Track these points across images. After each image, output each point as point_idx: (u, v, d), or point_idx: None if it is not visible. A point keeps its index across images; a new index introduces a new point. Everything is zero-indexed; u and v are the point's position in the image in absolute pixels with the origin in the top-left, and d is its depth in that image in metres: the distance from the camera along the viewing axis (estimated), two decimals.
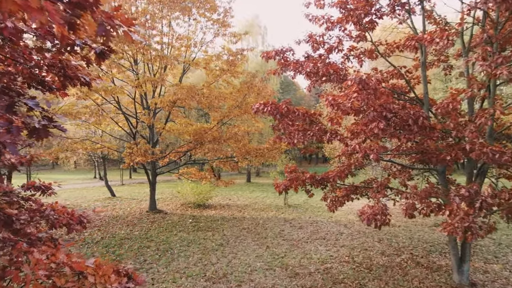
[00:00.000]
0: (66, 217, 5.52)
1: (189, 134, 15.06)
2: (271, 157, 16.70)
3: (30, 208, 5.44)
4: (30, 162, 6.11)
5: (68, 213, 5.72)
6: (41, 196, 6.02)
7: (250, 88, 16.02)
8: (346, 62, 9.69)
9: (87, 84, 4.55)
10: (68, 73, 3.99)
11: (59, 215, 5.49)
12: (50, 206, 5.54)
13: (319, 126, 8.13)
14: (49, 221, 5.42)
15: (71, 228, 5.55)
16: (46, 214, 5.36)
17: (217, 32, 17.25)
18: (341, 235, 13.36)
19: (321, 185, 9.31)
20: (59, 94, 5.04)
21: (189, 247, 11.80)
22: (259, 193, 25.01)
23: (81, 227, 5.72)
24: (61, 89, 4.70)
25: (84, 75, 4.32)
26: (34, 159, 6.25)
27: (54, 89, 4.69)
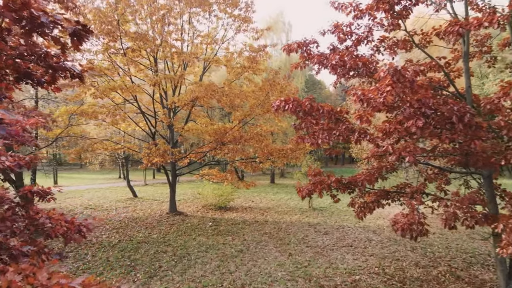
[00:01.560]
0: (63, 225, 5.00)
1: (209, 134, 14.50)
2: (295, 158, 15.89)
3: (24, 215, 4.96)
4: (29, 164, 5.66)
5: (67, 221, 5.21)
6: (40, 201, 5.53)
7: (272, 86, 15.28)
8: (376, 55, 8.81)
9: (78, 76, 3.99)
10: (50, 62, 3.43)
11: (55, 224, 4.98)
12: (46, 213, 5.04)
13: (346, 125, 7.33)
14: (44, 230, 4.92)
15: (69, 238, 5.02)
16: (40, 223, 4.85)
17: (239, 28, 16.64)
18: (370, 243, 12.41)
19: (348, 190, 8.51)
20: (52, 89, 4.53)
21: (207, 253, 11.22)
22: (283, 195, 24.22)
23: (80, 237, 5.19)
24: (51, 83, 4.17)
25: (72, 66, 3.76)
26: (35, 161, 5.79)
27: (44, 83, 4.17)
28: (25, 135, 6.87)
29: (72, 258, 10.65)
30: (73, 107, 13.68)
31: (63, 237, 5.01)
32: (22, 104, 10.18)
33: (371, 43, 8.51)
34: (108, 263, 10.21)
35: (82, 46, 3.29)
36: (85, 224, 5.28)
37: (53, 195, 5.62)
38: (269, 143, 16.29)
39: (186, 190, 26.13)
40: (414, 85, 5.43)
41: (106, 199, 21.68)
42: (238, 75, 16.17)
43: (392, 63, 5.40)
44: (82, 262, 10.36)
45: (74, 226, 5.16)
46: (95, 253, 11.14)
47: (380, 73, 5.45)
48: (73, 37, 2.82)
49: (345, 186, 8.45)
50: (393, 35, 8.42)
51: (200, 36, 16.27)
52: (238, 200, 21.36)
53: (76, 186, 29.58)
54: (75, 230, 5.11)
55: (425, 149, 7.44)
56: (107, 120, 14.45)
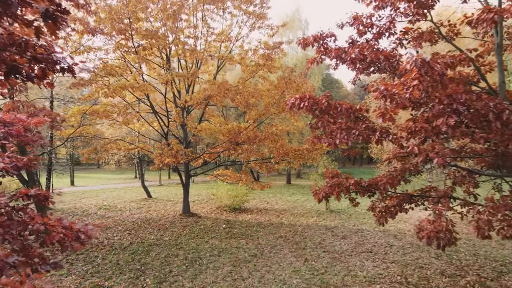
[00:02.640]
0: (59, 232, 4.65)
1: (223, 133, 14.11)
2: (311, 158, 15.34)
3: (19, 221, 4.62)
4: (29, 166, 5.36)
5: (65, 226, 4.86)
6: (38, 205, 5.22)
7: (288, 84, 14.78)
8: (398, 49, 8.23)
9: (69, 70, 3.62)
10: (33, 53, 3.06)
11: (50, 230, 4.63)
12: (41, 219, 4.70)
13: (366, 124, 6.78)
14: (38, 237, 4.58)
15: (65, 246, 4.67)
16: (34, 229, 4.51)
17: (253, 25, 16.19)
18: (391, 248, 11.76)
19: (368, 193, 7.95)
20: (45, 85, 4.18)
21: (219, 257, 10.81)
22: (299, 196, 23.65)
23: (78, 245, 4.83)
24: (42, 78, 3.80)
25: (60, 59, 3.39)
26: (34, 162, 5.48)
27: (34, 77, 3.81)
28: (28, 135, 6.61)
29: (81, 261, 10.41)
30: (85, 107, 13.53)
31: (59, 244, 4.66)
32: (32, 104, 10.02)
33: (393, 36, 7.94)
34: (118, 267, 9.92)
35: (60, 32, 2.92)
36: (84, 230, 4.92)
37: (52, 199, 5.29)
38: (285, 143, 15.80)
39: (201, 191, 25.87)
40: (444, 78, 4.86)
41: (120, 200, 21.60)
42: (252, 73, 15.73)
43: (420, 54, 4.84)
44: (91, 265, 10.10)
45: (72, 233, 4.80)
46: (106, 256, 10.89)
47: (406, 65, 4.90)
48: (46, 19, 2.44)
49: (365, 189, 7.89)
50: (417, 27, 7.80)
51: (214, 34, 15.90)
52: (253, 202, 20.92)
53: (92, 186, 29.75)
54: (73, 237, 4.75)
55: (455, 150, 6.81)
56: (118, 120, 14.23)
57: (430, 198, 7.89)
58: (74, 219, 15.96)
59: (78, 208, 18.70)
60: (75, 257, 10.77)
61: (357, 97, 50.07)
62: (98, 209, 18.40)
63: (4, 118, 6.04)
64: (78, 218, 16.16)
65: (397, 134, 6.65)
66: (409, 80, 4.96)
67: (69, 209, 18.27)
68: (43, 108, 10.24)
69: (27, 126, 6.31)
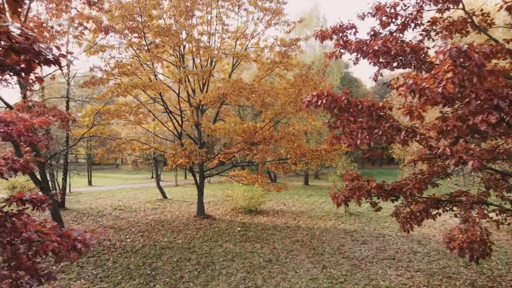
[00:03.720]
0: (54, 240, 4.28)
1: (238, 133, 13.67)
2: (330, 159, 14.73)
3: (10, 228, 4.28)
4: (24, 168, 5.04)
5: (61, 234, 4.49)
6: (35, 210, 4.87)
7: (305, 82, 14.24)
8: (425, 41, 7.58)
9: (55, 62, 3.22)
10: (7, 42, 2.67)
11: (44, 239, 4.27)
12: (34, 226, 4.34)
13: (390, 123, 6.20)
14: (31, 246, 4.23)
15: (60, 256, 4.29)
16: (26, 237, 4.15)
17: (269, 22, 15.68)
18: (415, 255, 11.06)
19: (391, 197, 7.36)
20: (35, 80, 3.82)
21: (233, 262, 10.37)
22: (317, 198, 22.99)
23: (75, 254, 4.45)
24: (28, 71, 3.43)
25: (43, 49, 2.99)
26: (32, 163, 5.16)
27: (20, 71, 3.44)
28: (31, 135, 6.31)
29: (92, 264, 10.15)
30: (98, 106, 13.35)
31: (53, 254, 4.30)
32: (42, 103, 9.84)
33: (420, 27, 7.30)
34: (128, 271, 9.61)
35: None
36: (81, 239, 4.54)
37: (49, 203, 4.94)
38: (302, 143, 15.24)
39: (217, 192, 25.53)
40: (483, 70, 4.25)
41: (136, 200, 21.48)
42: (268, 71, 15.24)
43: (455, 43, 4.25)
44: (102, 269, 9.83)
45: (68, 242, 4.43)
46: (117, 259, 10.61)
47: (439, 55, 4.31)
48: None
49: (388, 193, 7.30)
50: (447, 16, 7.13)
51: (228, 31, 15.48)
52: (270, 203, 20.41)
53: (109, 186, 29.88)
54: (68, 246, 4.38)
55: (493, 152, 6.14)
56: (130, 119, 13.99)
57: (460, 204, 7.22)
58: (88, 220, 15.86)
59: (93, 208, 18.63)
60: (86, 260, 10.53)
61: (377, 96, 48.88)
62: (113, 209, 18.28)
63: (4, 118, 5.75)
64: (93, 219, 16.04)
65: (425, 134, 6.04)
66: (442, 73, 4.38)
67: (84, 210, 18.22)
68: (53, 107, 10.04)
69: (28, 126, 6.03)
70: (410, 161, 9.07)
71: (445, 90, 4.25)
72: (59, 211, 13.01)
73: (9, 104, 11.17)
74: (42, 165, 12.47)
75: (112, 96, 13.01)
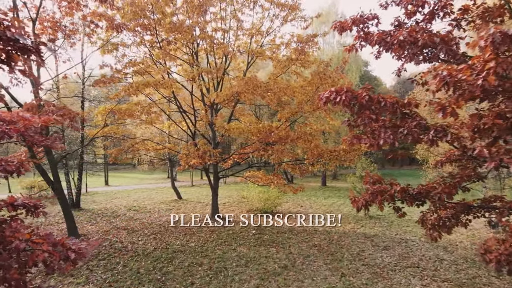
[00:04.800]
0: (45, 250, 3.91)
1: (253, 133, 13.19)
2: (349, 160, 14.07)
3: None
4: (19, 170, 4.71)
5: (55, 243, 4.11)
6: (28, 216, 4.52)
7: (323, 79, 13.64)
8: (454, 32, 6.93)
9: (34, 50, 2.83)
10: None
11: (34, 248, 3.90)
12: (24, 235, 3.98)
13: (417, 121, 5.63)
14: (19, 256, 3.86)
15: (51, 267, 3.91)
16: (14, 247, 3.78)
17: (286, 18, 15.14)
18: (441, 263, 10.34)
19: (417, 201, 6.76)
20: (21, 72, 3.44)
21: (247, 268, 9.91)
22: (335, 199, 22.26)
23: (68, 265, 4.06)
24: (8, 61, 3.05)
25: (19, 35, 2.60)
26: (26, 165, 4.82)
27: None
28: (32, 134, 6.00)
29: (102, 268, 9.88)
30: (110, 106, 13.13)
31: (44, 265, 3.92)
32: (51, 103, 9.63)
33: (449, 16, 6.66)
34: (138, 276, 9.28)
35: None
36: (75, 249, 4.15)
37: (43, 208, 4.59)
38: (320, 143, 14.64)
39: (232, 192, 25.13)
40: None
41: (151, 200, 21.30)
42: (284, 69, 14.70)
43: (498, 26, 3.66)
44: (111, 273, 9.53)
45: (62, 252, 4.05)
46: (127, 263, 10.30)
47: (479, 41, 3.72)
48: None
49: (413, 197, 6.71)
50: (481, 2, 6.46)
51: (243, 28, 15.01)
52: (286, 205, 19.85)
53: (126, 186, 29.92)
54: (61, 256, 4.00)
55: None
56: (142, 118, 13.70)
57: (494, 210, 6.55)
58: (102, 221, 15.70)
59: (108, 209, 18.53)
60: (96, 263, 10.28)
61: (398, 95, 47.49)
62: (127, 210, 18.12)
63: (3, 117, 5.47)
64: (107, 220, 15.88)
65: (458, 133, 5.43)
66: (481, 62, 3.78)
67: (99, 210, 18.13)
68: (63, 107, 9.82)
69: (28, 125, 5.73)
70: (436, 163, 8.39)
71: (486, 82, 3.67)
72: (71, 212, 12.83)
73: (21, 104, 11.05)
74: (54, 165, 12.34)
75: (124, 95, 12.77)
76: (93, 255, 10.92)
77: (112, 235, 13.27)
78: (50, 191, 15.97)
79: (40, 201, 4.54)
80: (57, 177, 12.31)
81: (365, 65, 41.90)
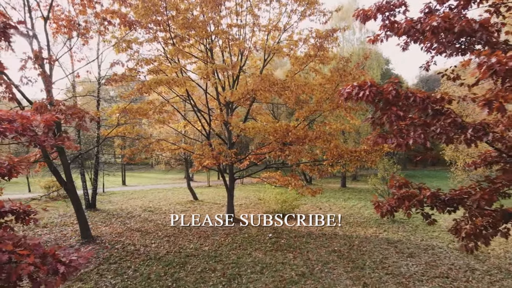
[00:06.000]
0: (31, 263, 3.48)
1: (269, 133, 12.65)
2: (370, 161, 13.34)
3: None
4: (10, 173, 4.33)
5: (43, 254, 3.69)
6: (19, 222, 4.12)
7: (343, 76, 13.01)
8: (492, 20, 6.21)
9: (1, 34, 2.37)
10: None
11: (18, 261, 3.48)
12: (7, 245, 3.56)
13: (452, 118, 5.01)
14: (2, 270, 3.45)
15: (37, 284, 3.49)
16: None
17: (304, 13, 14.53)
18: (473, 273, 9.53)
19: (449, 208, 6.12)
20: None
21: (262, 275, 9.37)
22: (356, 202, 21.46)
23: (57, 280, 3.63)
24: None
25: None
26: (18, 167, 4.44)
27: None
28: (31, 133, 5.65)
29: (112, 272, 9.54)
30: (123, 105, 12.85)
31: (29, 280, 3.50)
32: (61, 101, 9.37)
33: (487, 2, 5.96)
34: (148, 282, 8.88)
35: None
36: (66, 261, 3.71)
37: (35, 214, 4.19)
38: (339, 143, 13.95)
39: (249, 193, 24.64)
40: None
41: (166, 201, 21.05)
42: (302, 65, 14.10)
43: None
44: (121, 278, 9.18)
45: (51, 264, 3.62)
46: (138, 267, 9.94)
47: None
48: None
49: (445, 203, 6.07)
50: None
51: (259, 25, 14.48)
52: (304, 207, 19.20)
53: (143, 186, 29.90)
54: (49, 270, 3.57)
55: None
56: (154, 117, 13.36)
57: None
58: (117, 222, 15.49)
59: (123, 209, 18.35)
60: (106, 267, 9.96)
61: None
62: (142, 211, 17.89)
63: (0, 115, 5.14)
64: (121, 221, 15.66)
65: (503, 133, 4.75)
66: None
67: (114, 210, 17.97)
68: (73, 106, 9.60)
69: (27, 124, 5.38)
70: (470, 165, 7.66)
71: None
72: (84, 213, 12.59)
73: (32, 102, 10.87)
74: (67, 165, 12.13)
75: (136, 94, 12.48)
76: (104, 258, 10.63)
77: (126, 237, 12.99)
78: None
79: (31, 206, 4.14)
80: (70, 178, 12.09)
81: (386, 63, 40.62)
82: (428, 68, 7.45)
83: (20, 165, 4.42)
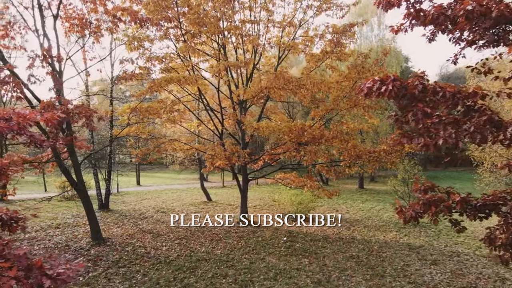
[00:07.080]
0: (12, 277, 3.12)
1: (283, 132, 12.17)
2: (390, 162, 12.69)
3: None
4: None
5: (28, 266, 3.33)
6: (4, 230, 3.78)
7: (361, 73, 12.41)
8: None
9: None
10: None
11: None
12: None
13: (488, 115, 4.48)
14: None
15: None
16: None
17: (320, 8, 13.97)
18: (503, 283, 8.83)
19: (480, 214, 5.54)
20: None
21: (275, 281, 8.90)
22: (374, 204, 20.70)
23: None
24: None
25: None
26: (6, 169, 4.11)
27: None
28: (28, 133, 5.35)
29: (120, 277, 9.23)
30: (134, 104, 12.59)
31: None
32: (68, 101, 9.14)
33: None
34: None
35: None
36: (53, 274, 3.33)
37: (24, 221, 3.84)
38: (357, 143, 13.34)
39: (264, 194, 24.17)
40: None
41: (180, 202, 20.79)
42: (318, 62, 13.56)
43: None
44: (129, 282, 8.85)
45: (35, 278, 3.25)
46: (147, 271, 9.60)
47: None
48: None
49: (477, 209, 5.50)
50: None
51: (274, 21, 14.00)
52: (320, 209, 18.59)
53: (157, 186, 29.81)
54: (33, 285, 3.20)
55: None
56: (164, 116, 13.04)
57: None
58: (129, 223, 15.27)
59: (136, 210, 18.17)
60: (115, 270, 9.66)
61: None
62: (155, 212, 17.66)
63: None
64: (134, 222, 15.44)
65: None
66: None
67: (127, 211, 17.80)
68: (81, 105, 9.35)
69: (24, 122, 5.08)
70: (502, 166, 7.01)
71: None
72: (94, 214, 12.36)
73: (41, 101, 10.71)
74: (77, 165, 11.94)
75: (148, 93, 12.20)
76: (113, 261, 10.35)
77: (137, 239, 12.73)
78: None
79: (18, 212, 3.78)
80: (80, 178, 11.90)
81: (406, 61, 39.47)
82: (456, 61, 6.81)
83: (10, 168, 4.08)
